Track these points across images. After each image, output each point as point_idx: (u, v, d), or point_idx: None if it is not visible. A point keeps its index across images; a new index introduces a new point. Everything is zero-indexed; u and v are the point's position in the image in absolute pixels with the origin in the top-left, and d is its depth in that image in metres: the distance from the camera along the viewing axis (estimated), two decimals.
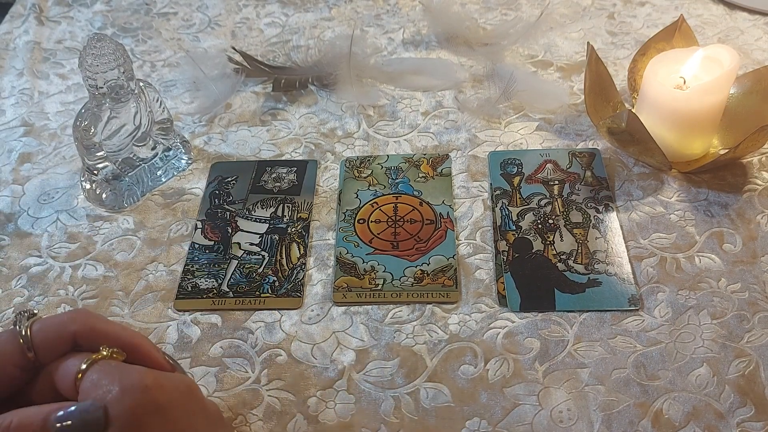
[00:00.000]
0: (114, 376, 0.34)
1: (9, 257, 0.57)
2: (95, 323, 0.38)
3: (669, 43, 0.64)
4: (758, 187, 0.59)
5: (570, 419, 0.44)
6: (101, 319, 0.39)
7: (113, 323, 0.39)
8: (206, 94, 0.71)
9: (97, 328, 0.38)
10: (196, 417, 0.36)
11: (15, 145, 0.67)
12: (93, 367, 0.35)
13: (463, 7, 0.83)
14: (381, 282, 0.53)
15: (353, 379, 0.47)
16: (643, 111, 0.60)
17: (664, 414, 0.44)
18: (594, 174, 0.60)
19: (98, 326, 0.38)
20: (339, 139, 0.66)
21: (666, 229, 0.56)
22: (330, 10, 0.84)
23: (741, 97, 0.62)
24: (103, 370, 0.35)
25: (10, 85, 0.74)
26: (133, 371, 0.35)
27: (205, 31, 0.81)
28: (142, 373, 0.35)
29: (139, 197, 0.61)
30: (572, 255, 0.54)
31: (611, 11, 0.80)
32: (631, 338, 0.49)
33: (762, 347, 0.47)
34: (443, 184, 0.61)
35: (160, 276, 0.55)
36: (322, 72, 0.72)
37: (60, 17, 0.85)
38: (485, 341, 0.49)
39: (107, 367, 0.35)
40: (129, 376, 0.34)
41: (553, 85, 0.70)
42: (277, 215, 0.59)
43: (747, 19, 0.78)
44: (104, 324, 0.38)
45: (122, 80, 0.55)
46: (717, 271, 0.52)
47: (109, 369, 0.35)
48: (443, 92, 0.70)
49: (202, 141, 0.67)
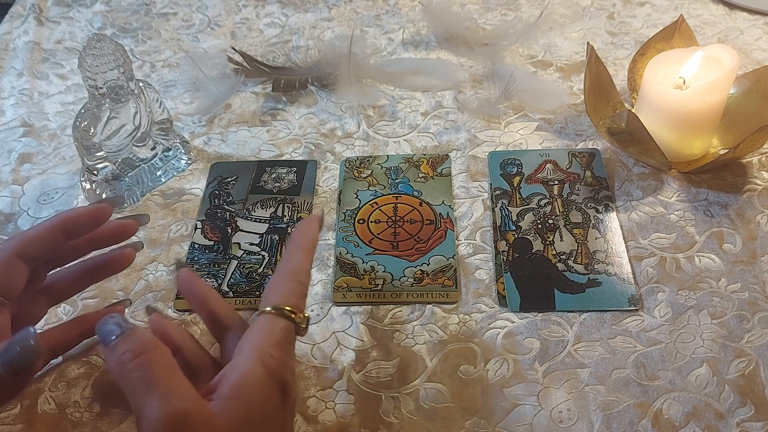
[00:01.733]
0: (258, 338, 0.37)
1: None
2: (24, 235, 0.42)
3: (669, 43, 0.64)
4: (758, 187, 0.59)
5: (570, 419, 0.44)
6: (27, 230, 0.43)
7: (37, 225, 0.43)
8: (206, 94, 0.71)
9: (27, 235, 0.42)
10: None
11: (15, 146, 0.67)
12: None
13: (463, 7, 0.83)
14: (381, 282, 0.53)
15: (353, 379, 0.47)
16: (642, 111, 0.60)
17: (664, 414, 0.44)
18: (594, 174, 0.60)
19: (27, 234, 0.42)
20: (339, 139, 0.66)
21: (666, 229, 0.56)
22: (330, 11, 0.84)
23: (741, 97, 0.62)
24: (252, 330, 0.38)
25: (9, 86, 0.74)
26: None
27: (204, 31, 0.81)
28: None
29: (138, 197, 0.61)
30: (572, 255, 0.54)
31: (611, 11, 0.80)
32: (631, 338, 0.49)
33: (762, 347, 0.47)
34: (443, 184, 0.61)
35: (160, 276, 0.55)
36: (322, 72, 0.72)
37: (60, 17, 0.85)
38: (485, 341, 0.49)
39: (255, 329, 0.38)
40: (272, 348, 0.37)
41: (552, 85, 0.70)
42: (276, 215, 0.59)
43: (747, 19, 0.78)
44: (31, 230, 0.43)
45: (122, 80, 0.55)
46: (717, 271, 0.52)
47: (255, 331, 0.38)
48: (443, 92, 0.70)
49: (202, 141, 0.67)
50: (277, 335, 0.37)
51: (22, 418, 0.46)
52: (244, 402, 0.34)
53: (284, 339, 0.37)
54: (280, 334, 0.37)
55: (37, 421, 0.46)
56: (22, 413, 0.46)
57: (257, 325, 0.38)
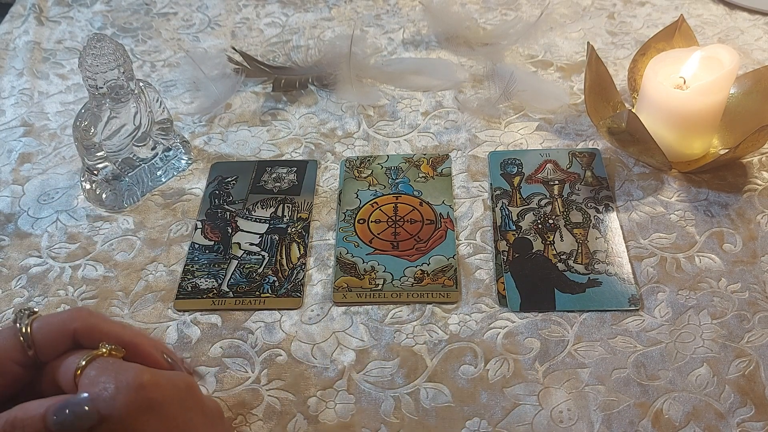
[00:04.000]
0: (111, 373, 0.34)
1: (9, 257, 0.57)
2: (96, 322, 0.38)
3: (669, 43, 0.64)
4: (758, 187, 0.59)
5: (570, 419, 0.44)
6: (102, 317, 0.39)
7: (114, 322, 0.39)
8: (206, 94, 0.71)
9: (97, 326, 0.38)
10: (194, 415, 0.36)
11: (15, 146, 0.67)
12: (92, 364, 0.35)
13: (463, 7, 0.83)
14: (381, 282, 0.53)
15: (353, 379, 0.47)
16: (643, 111, 0.60)
17: (664, 414, 0.44)
18: (594, 174, 0.60)
19: (99, 325, 0.38)
20: (339, 139, 0.66)
21: (666, 229, 0.56)
22: (330, 10, 0.84)
23: (741, 97, 0.62)
24: (101, 366, 0.35)
25: (9, 85, 0.74)
26: (129, 369, 0.35)
27: (205, 31, 0.81)
28: (139, 370, 0.35)
29: (139, 197, 0.61)
30: (572, 255, 0.54)
31: (611, 11, 0.80)
32: (631, 338, 0.49)
33: (762, 347, 0.47)
34: (443, 184, 0.61)
35: (160, 276, 0.55)
36: (322, 72, 0.72)
37: (60, 17, 0.85)
38: (485, 341, 0.49)
39: (105, 364, 0.35)
40: (125, 373, 0.34)
41: (553, 85, 0.70)
42: (277, 215, 0.59)
43: (747, 19, 0.78)
44: (105, 323, 0.38)
45: (122, 80, 0.55)
46: (717, 271, 0.52)
47: (106, 366, 0.35)
48: (443, 92, 0.70)
49: (202, 141, 0.67)
50: None
51: None
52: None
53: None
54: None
55: None
56: None
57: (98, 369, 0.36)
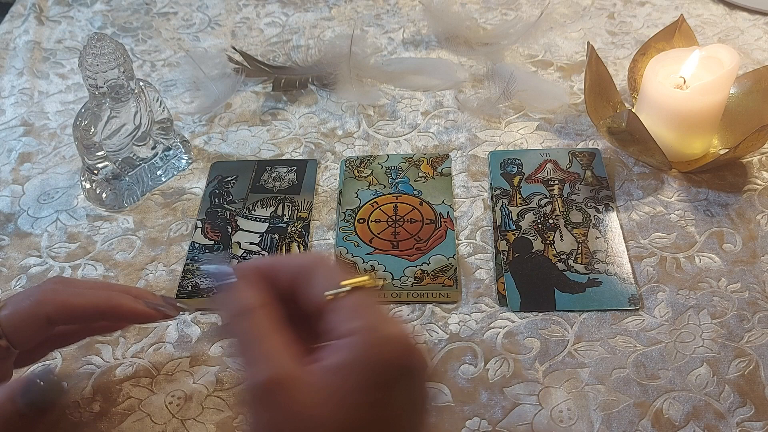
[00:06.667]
0: (377, 320, 0.32)
1: (9, 257, 0.57)
2: (66, 299, 0.37)
3: (669, 43, 0.64)
4: (758, 186, 0.59)
5: (570, 419, 0.44)
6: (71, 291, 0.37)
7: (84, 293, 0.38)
8: (206, 93, 0.71)
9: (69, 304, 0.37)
10: (422, 397, 0.33)
11: (15, 145, 0.67)
12: (354, 295, 0.32)
13: (463, 6, 0.83)
14: (381, 282, 0.53)
15: None
16: (643, 111, 0.60)
17: (664, 414, 0.44)
18: (594, 174, 0.60)
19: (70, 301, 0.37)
20: (339, 138, 0.66)
21: (666, 228, 0.56)
22: (330, 10, 0.84)
23: (741, 97, 0.62)
24: (365, 305, 0.32)
25: (9, 85, 0.74)
26: (395, 324, 0.32)
27: (205, 30, 0.81)
28: (405, 330, 0.32)
29: (139, 197, 0.61)
30: (572, 255, 0.54)
31: (611, 11, 0.80)
32: (631, 338, 0.49)
33: (762, 347, 0.47)
34: (443, 183, 0.61)
35: (160, 276, 0.55)
36: (322, 72, 0.72)
37: (60, 17, 0.85)
38: (485, 341, 0.49)
39: (369, 306, 0.32)
40: (391, 326, 0.31)
41: (553, 84, 0.70)
42: (277, 214, 0.59)
43: (747, 19, 0.78)
44: (76, 297, 0.37)
45: (122, 80, 0.55)
46: (717, 270, 0.52)
47: (371, 309, 0.32)
48: (443, 92, 0.70)
49: (202, 141, 0.67)
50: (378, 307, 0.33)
51: None
52: (345, 381, 0.31)
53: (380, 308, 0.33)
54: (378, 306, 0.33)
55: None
56: None
57: (360, 304, 0.33)
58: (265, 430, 0.30)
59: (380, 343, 0.31)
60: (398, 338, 0.31)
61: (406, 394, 0.31)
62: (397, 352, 0.31)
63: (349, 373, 0.30)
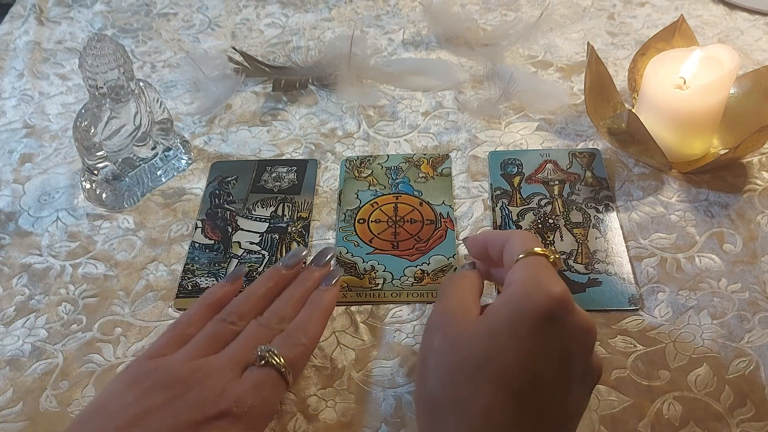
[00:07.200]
0: (537, 275, 0.38)
1: (10, 256, 0.57)
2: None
3: (669, 44, 0.64)
4: (758, 187, 0.59)
5: None
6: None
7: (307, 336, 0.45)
8: (206, 94, 0.71)
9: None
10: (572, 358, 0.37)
11: (16, 146, 0.67)
12: (533, 257, 0.39)
13: (463, 7, 0.83)
14: (381, 282, 0.53)
15: (353, 379, 0.47)
16: (643, 111, 0.60)
17: (664, 414, 0.44)
18: (594, 174, 0.60)
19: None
20: (339, 139, 0.66)
21: (666, 229, 0.56)
22: (330, 11, 0.84)
23: (741, 97, 0.62)
24: (535, 264, 0.39)
25: (10, 86, 0.74)
26: (552, 282, 0.37)
27: (205, 31, 0.82)
28: (560, 288, 0.37)
29: (139, 197, 0.61)
30: (572, 255, 0.54)
31: (611, 12, 0.80)
32: (631, 338, 0.49)
33: (762, 347, 0.47)
34: (443, 184, 0.61)
35: (161, 275, 0.55)
36: (323, 72, 0.72)
37: (60, 18, 0.85)
38: None
39: (538, 265, 0.39)
40: (546, 281, 0.37)
41: (553, 85, 0.70)
42: (277, 214, 0.59)
43: (747, 19, 0.78)
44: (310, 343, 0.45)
45: (122, 80, 0.55)
46: (717, 271, 0.52)
47: (538, 267, 0.38)
48: (443, 93, 0.70)
49: (202, 141, 0.67)
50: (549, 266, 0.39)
51: (24, 415, 0.46)
52: (498, 316, 0.37)
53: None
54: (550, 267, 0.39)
55: (39, 418, 0.46)
56: (24, 411, 0.46)
57: (532, 263, 0.39)
58: (429, 349, 0.39)
59: (531, 292, 0.36)
60: (548, 290, 0.36)
61: (551, 342, 0.36)
62: (544, 301, 0.36)
63: (501, 311, 0.37)
